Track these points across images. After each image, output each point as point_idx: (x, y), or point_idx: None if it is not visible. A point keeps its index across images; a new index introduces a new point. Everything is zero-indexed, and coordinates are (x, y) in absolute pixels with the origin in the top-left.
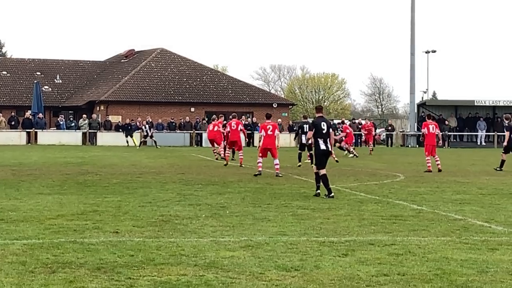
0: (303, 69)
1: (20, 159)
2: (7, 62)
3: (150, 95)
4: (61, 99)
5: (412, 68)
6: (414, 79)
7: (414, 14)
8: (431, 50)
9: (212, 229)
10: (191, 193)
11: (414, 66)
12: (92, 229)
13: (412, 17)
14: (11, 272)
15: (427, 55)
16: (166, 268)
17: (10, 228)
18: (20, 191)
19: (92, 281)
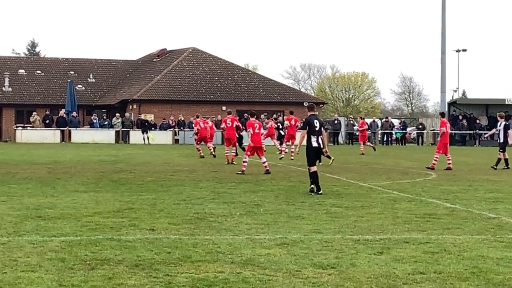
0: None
1: (54, 157)
2: (41, 61)
3: (182, 93)
4: (94, 98)
5: (442, 67)
6: (444, 78)
7: (445, 13)
8: (461, 49)
9: (247, 227)
10: (225, 191)
11: (445, 65)
12: (129, 226)
13: (443, 16)
14: (51, 269)
15: (457, 54)
16: (203, 265)
17: (48, 225)
18: (56, 189)
19: (131, 278)
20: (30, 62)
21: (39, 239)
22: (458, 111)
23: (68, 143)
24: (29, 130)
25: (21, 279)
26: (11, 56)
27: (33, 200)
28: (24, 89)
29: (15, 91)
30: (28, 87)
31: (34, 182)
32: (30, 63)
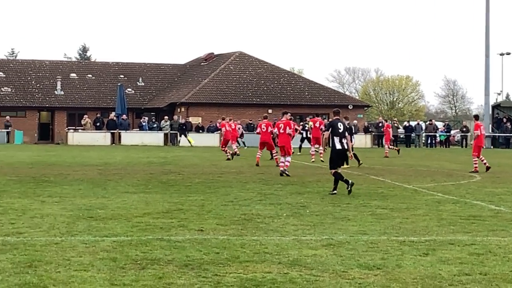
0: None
1: (105, 159)
2: (92, 65)
3: (229, 97)
4: (143, 101)
5: (486, 70)
6: (488, 80)
7: (488, 16)
8: (505, 53)
9: (294, 228)
10: (272, 192)
11: (489, 68)
12: (178, 227)
13: (486, 19)
14: (102, 268)
15: (501, 57)
16: (251, 266)
17: (100, 225)
18: (107, 190)
19: (181, 278)
20: (81, 66)
21: (91, 239)
22: (502, 114)
23: (118, 145)
24: (80, 132)
25: (74, 278)
26: (63, 60)
27: (85, 201)
28: (76, 93)
29: (67, 94)
30: (80, 90)
31: (86, 183)
32: (82, 67)
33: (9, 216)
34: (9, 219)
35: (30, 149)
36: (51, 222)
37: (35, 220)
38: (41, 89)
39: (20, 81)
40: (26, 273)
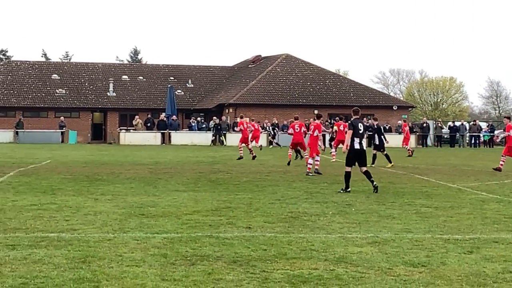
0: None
1: (156, 158)
2: (143, 68)
3: (275, 98)
4: (192, 102)
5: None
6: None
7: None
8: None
9: (340, 226)
10: (317, 191)
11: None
12: (226, 224)
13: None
14: (154, 264)
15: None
16: (298, 262)
17: (151, 222)
18: (158, 188)
19: (229, 274)
20: (132, 68)
21: (142, 236)
22: None
23: (168, 145)
24: (132, 132)
25: (127, 274)
26: (115, 63)
27: (136, 198)
28: (127, 94)
29: (119, 96)
30: (131, 92)
31: (137, 181)
32: (133, 69)
33: (64, 213)
34: (64, 216)
35: (83, 149)
36: (104, 219)
37: (88, 217)
38: (94, 91)
39: (74, 83)
40: (80, 268)
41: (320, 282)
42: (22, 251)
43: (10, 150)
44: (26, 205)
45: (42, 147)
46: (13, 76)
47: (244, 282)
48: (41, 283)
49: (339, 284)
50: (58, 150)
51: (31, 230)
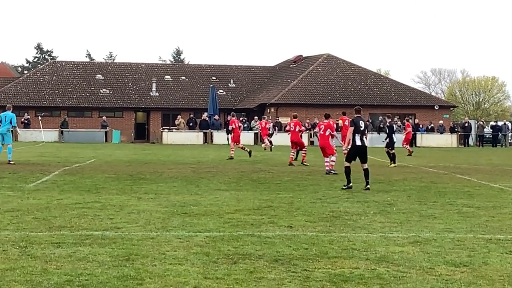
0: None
1: (198, 158)
2: (185, 68)
3: (317, 97)
4: (234, 101)
5: None
6: None
7: None
8: None
9: (381, 225)
10: (358, 190)
11: None
12: (268, 223)
13: None
14: (196, 262)
15: None
16: (339, 261)
17: (193, 221)
18: (200, 187)
19: (271, 272)
20: (175, 68)
21: (185, 234)
22: None
23: (210, 144)
24: (174, 132)
25: (170, 272)
26: (158, 63)
27: (179, 197)
28: (170, 94)
29: (161, 95)
30: (174, 92)
31: (180, 180)
32: (175, 69)
33: (107, 211)
34: (107, 214)
35: (127, 148)
36: (147, 218)
37: (132, 215)
38: (137, 91)
39: (117, 83)
40: (124, 266)
41: (361, 281)
42: (67, 249)
43: (55, 149)
44: (71, 204)
45: (86, 146)
46: (58, 76)
47: (285, 281)
48: (85, 281)
49: (381, 283)
50: (102, 149)
51: (75, 228)
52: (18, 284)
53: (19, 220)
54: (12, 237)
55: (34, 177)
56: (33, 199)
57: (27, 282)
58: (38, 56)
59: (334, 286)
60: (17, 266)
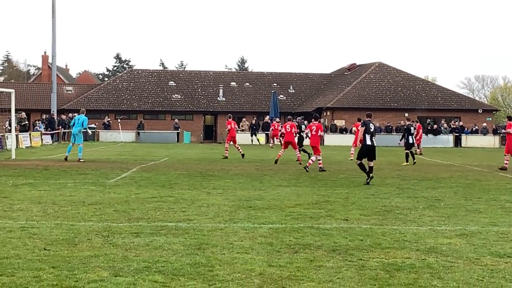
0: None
1: (261, 157)
2: (249, 75)
3: (369, 102)
4: (294, 106)
5: None
6: None
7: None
8: None
9: (430, 219)
10: (408, 187)
11: None
12: (325, 216)
13: None
14: (261, 251)
15: None
16: (391, 252)
17: (258, 214)
18: (263, 183)
19: (329, 261)
20: (240, 76)
21: (250, 226)
22: None
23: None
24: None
25: (237, 260)
26: (224, 71)
27: (244, 192)
28: (235, 99)
29: (227, 100)
30: (239, 97)
31: (245, 177)
32: (240, 76)
33: (180, 205)
34: (180, 207)
35: (196, 148)
36: (216, 211)
37: (202, 209)
38: (206, 96)
39: (188, 89)
40: (195, 254)
41: (412, 270)
42: (144, 238)
43: (133, 149)
44: (147, 198)
45: (160, 146)
46: (135, 83)
47: (343, 269)
48: (161, 267)
49: (430, 272)
50: (174, 149)
51: (152, 219)
52: (101, 269)
53: (102, 212)
54: (96, 227)
55: (114, 173)
56: (113, 193)
57: (110, 268)
58: (117, 65)
59: (388, 274)
60: (101, 253)
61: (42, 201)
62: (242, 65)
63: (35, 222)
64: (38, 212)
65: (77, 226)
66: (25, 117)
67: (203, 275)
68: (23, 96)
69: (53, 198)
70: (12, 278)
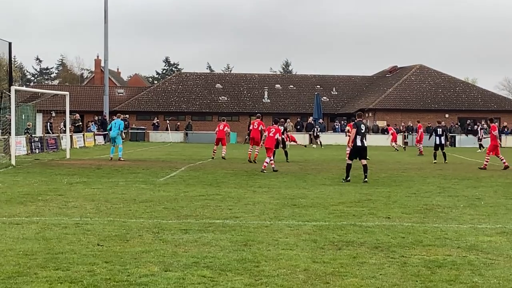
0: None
1: (305, 156)
2: (293, 78)
3: (410, 103)
4: (336, 107)
5: None
6: None
7: None
8: None
9: (470, 217)
10: (449, 186)
11: None
12: (368, 214)
13: None
14: (305, 248)
15: None
16: (433, 249)
17: (302, 212)
18: (307, 182)
19: (372, 258)
20: (284, 78)
21: (294, 223)
22: None
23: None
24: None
25: (282, 256)
26: (269, 73)
27: (288, 191)
28: (280, 101)
29: (272, 102)
30: (283, 99)
31: (289, 176)
32: (284, 79)
33: (227, 203)
34: (227, 205)
35: (242, 148)
36: (261, 209)
37: (248, 206)
38: (251, 98)
39: (234, 91)
40: (242, 250)
41: (453, 267)
42: (193, 234)
43: (181, 149)
44: (195, 196)
45: (207, 146)
46: (183, 85)
47: (385, 266)
48: (210, 262)
49: (471, 269)
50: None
51: (200, 217)
52: (152, 264)
53: (152, 209)
54: (146, 224)
55: (164, 172)
56: (163, 192)
57: (160, 263)
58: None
59: (429, 271)
60: (151, 249)
61: (95, 198)
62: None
63: (89, 219)
64: (91, 209)
65: (129, 223)
66: (79, 119)
67: (249, 270)
68: (77, 98)
69: (106, 196)
70: (67, 272)
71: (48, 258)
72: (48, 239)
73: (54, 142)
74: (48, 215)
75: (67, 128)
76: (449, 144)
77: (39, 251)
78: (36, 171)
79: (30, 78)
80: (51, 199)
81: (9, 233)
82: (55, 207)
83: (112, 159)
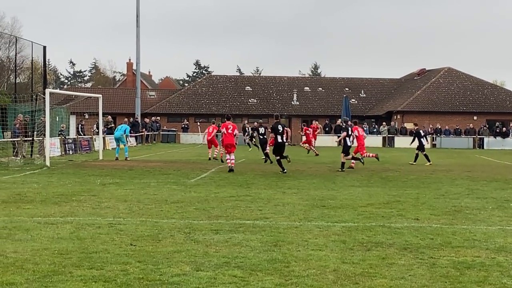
0: None
1: (333, 158)
2: (322, 80)
3: (438, 106)
4: (365, 109)
5: None
6: None
7: None
8: None
9: (499, 219)
10: (478, 188)
11: None
12: (397, 216)
13: None
14: (334, 249)
15: None
16: (462, 251)
17: (331, 213)
18: (336, 183)
19: (401, 259)
20: (313, 81)
21: (324, 224)
22: None
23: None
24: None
25: (311, 256)
26: (298, 76)
27: (317, 192)
28: (309, 103)
29: (301, 104)
30: (312, 101)
31: (318, 178)
32: (313, 82)
33: (257, 204)
34: (257, 206)
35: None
36: (291, 210)
37: (278, 207)
38: (281, 100)
39: (263, 94)
40: (272, 251)
41: (482, 269)
42: (224, 235)
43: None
44: (226, 197)
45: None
46: (213, 88)
47: (414, 267)
48: (240, 262)
49: (500, 270)
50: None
51: (230, 217)
52: (184, 264)
53: (183, 210)
54: (178, 224)
55: (195, 173)
56: (194, 192)
57: (191, 263)
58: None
59: (458, 272)
60: (183, 249)
61: (127, 199)
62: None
63: (122, 219)
64: (124, 209)
65: (161, 223)
66: (111, 121)
67: (279, 270)
68: (110, 100)
69: (138, 197)
70: (101, 271)
71: (82, 258)
72: (82, 239)
73: (87, 143)
74: (82, 215)
75: (100, 130)
76: (477, 147)
77: (74, 251)
78: (70, 172)
79: (63, 81)
80: (84, 200)
81: (44, 232)
82: (88, 208)
83: (117, 159)
